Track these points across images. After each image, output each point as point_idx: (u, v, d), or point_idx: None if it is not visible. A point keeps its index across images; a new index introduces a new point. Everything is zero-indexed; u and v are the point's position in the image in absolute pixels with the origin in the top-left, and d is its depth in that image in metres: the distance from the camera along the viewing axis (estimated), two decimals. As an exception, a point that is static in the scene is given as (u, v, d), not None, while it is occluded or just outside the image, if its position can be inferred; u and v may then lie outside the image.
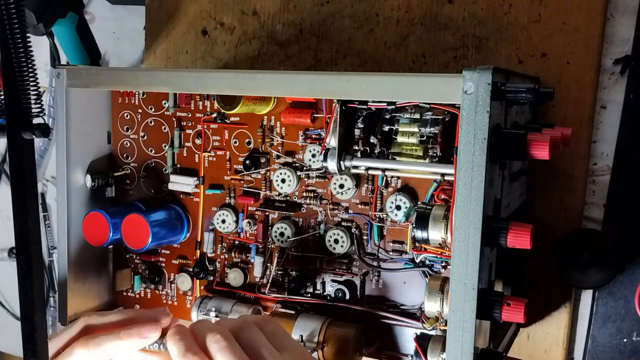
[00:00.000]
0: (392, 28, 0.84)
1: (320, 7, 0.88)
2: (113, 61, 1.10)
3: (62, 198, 0.72)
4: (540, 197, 0.77)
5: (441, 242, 0.56)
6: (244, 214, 0.72)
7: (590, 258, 0.74)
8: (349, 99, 0.60)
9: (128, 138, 0.77)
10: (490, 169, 0.52)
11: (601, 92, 0.77)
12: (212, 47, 0.95)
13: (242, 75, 0.64)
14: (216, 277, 0.74)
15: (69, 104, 0.71)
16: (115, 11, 1.08)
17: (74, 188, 0.73)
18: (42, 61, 1.16)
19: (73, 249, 0.75)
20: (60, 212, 0.72)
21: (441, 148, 0.58)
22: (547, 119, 0.76)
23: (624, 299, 0.77)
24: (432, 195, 0.61)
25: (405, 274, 0.65)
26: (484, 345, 0.57)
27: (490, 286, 0.57)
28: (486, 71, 0.50)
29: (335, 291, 0.68)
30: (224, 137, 0.72)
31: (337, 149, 0.61)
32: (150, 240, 0.70)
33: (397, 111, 0.60)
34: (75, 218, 0.73)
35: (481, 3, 0.79)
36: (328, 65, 0.88)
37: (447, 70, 0.82)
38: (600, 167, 0.78)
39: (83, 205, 0.75)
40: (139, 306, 0.80)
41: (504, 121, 0.57)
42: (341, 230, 0.66)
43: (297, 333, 0.65)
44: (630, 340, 0.78)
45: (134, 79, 0.68)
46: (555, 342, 0.79)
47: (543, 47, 0.77)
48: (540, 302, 0.78)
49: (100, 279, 0.79)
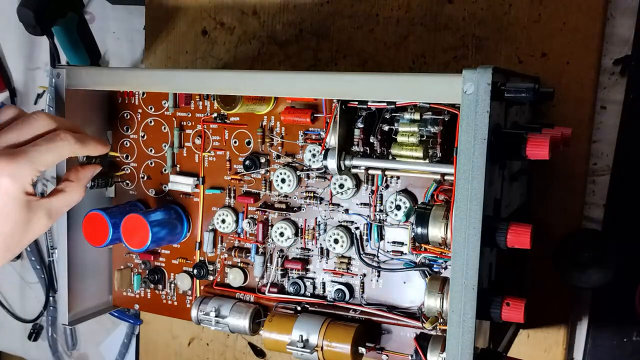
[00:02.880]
0: (392, 28, 0.84)
1: (320, 7, 0.88)
2: (113, 61, 1.10)
3: (62, 198, 0.72)
4: (540, 197, 0.77)
5: (441, 242, 0.56)
6: (244, 214, 0.72)
7: (590, 258, 0.74)
8: (349, 99, 0.60)
9: (128, 138, 0.77)
10: (490, 169, 0.52)
11: (601, 92, 0.77)
12: (212, 47, 0.95)
13: (242, 75, 0.64)
14: (216, 277, 0.74)
15: (69, 104, 0.71)
16: (115, 11, 1.08)
17: (74, 188, 0.73)
18: (42, 61, 1.17)
19: (73, 249, 0.75)
20: (60, 212, 0.72)
21: (441, 148, 0.58)
22: (547, 119, 0.76)
23: (624, 299, 0.77)
24: (432, 195, 0.61)
25: (405, 274, 0.65)
26: (484, 345, 0.57)
27: (490, 286, 0.57)
28: (486, 71, 0.50)
29: (335, 291, 0.68)
30: (224, 137, 0.72)
31: (337, 149, 0.61)
32: (150, 240, 0.70)
33: (397, 111, 0.60)
34: (75, 218, 0.73)
35: (481, 3, 0.79)
36: (328, 65, 0.88)
37: (447, 70, 0.82)
38: (600, 167, 0.78)
39: (83, 205, 0.74)
40: (138, 306, 0.80)
41: (504, 121, 0.57)
42: (341, 230, 0.66)
43: (297, 333, 0.65)
44: (630, 340, 0.78)
45: (134, 79, 0.68)
46: (555, 342, 0.79)
47: (543, 47, 0.77)
48: (540, 302, 0.78)
49: (100, 279, 0.80)
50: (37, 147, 0.57)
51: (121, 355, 1.17)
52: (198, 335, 1.03)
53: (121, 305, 0.81)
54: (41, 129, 0.59)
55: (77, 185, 0.64)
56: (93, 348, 1.21)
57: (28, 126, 0.59)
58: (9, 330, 1.29)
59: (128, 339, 1.16)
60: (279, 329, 0.67)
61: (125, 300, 0.80)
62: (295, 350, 0.64)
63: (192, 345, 1.03)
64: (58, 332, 1.24)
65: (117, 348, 1.17)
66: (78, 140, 0.61)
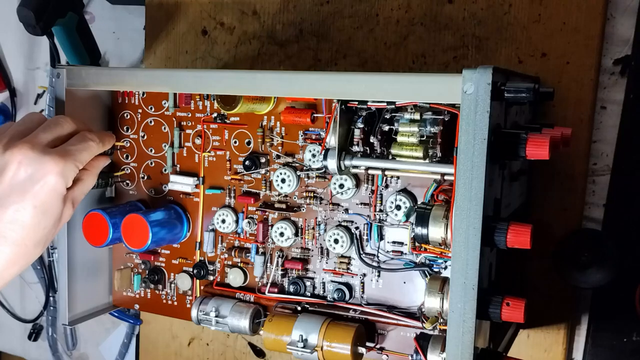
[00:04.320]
0: (392, 28, 0.84)
1: (320, 7, 0.88)
2: (113, 61, 1.10)
3: (62, 198, 0.72)
4: (540, 197, 0.77)
5: (441, 242, 0.56)
6: (244, 214, 0.72)
7: (590, 258, 0.74)
8: (349, 99, 0.60)
9: (128, 138, 0.77)
10: (490, 169, 0.52)
11: (601, 92, 0.77)
12: (212, 47, 0.95)
13: (242, 75, 0.64)
14: (216, 277, 0.74)
15: (69, 104, 0.71)
16: (115, 11, 1.08)
17: (74, 188, 0.73)
18: (42, 61, 1.17)
19: (73, 249, 0.75)
20: (60, 212, 0.72)
21: (441, 148, 0.58)
22: (547, 119, 0.76)
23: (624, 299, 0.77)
24: (432, 195, 0.61)
25: (405, 274, 0.65)
26: (484, 345, 0.57)
27: (490, 286, 0.57)
28: (486, 71, 0.50)
29: (335, 291, 0.68)
30: (223, 137, 0.72)
31: (337, 149, 0.61)
32: (150, 240, 0.70)
33: (397, 111, 0.60)
34: (75, 218, 0.73)
35: (481, 3, 0.79)
36: (328, 65, 0.88)
37: (447, 70, 0.82)
38: (600, 167, 0.78)
39: (83, 205, 0.74)
40: (138, 306, 0.80)
41: (504, 121, 0.57)
42: (341, 230, 0.66)
43: (297, 333, 0.65)
44: (630, 340, 0.78)
45: (134, 79, 0.68)
46: (555, 342, 0.79)
47: (543, 47, 0.77)
48: (540, 302, 0.78)
49: (100, 279, 0.80)
50: (77, 146, 0.62)
51: (121, 355, 1.17)
52: (198, 335, 1.03)
53: (121, 305, 0.81)
54: (68, 131, 0.63)
55: (91, 173, 0.66)
56: (93, 348, 1.21)
57: (60, 127, 0.62)
58: (9, 330, 1.29)
59: (128, 339, 1.16)
60: (279, 329, 0.67)
61: (125, 300, 0.80)
62: (295, 350, 0.64)
63: (192, 345, 1.03)
64: (58, 332, 1.24)
65: (117, 348, 1.17)
66: (99, 139, 0.65)
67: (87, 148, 0.63)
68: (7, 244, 0.57)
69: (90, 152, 0.63)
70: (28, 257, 0.59)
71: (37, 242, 0.59)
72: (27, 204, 0.57)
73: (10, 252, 0.57)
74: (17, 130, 0.61)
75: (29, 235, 0.58)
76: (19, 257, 0.58)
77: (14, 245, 0.57)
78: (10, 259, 0.58)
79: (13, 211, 0.57)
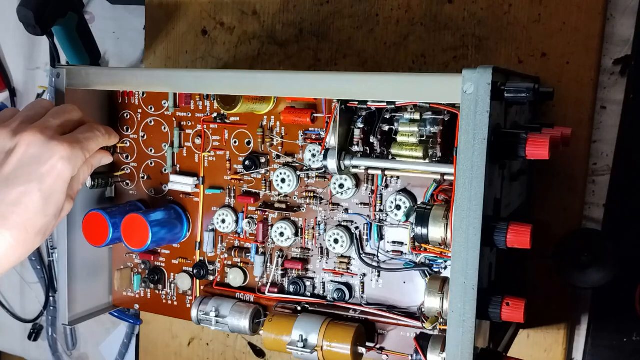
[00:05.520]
0: (392, 28, 0.84)
1: (320, 7, 0.88)
2: (113, 61, 1.10)
3: (62, 198, 0.72)
4: (540, 197, 0.77)
5: (441, 242, 0.56)
6: (244, 214, 0.72)
7: (590, 258, 0.74)
8: (349, 99, 0.60)
9: (128, 138, 0.77)
10: (490, 169, 0.52)
11: (601, 92, 0.77)
12: (212, 47, 0.95)
13: (242, 75, 0.64)
14: (216, 277, 0.74)
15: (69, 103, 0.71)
16: (115, 11, 1.08)
17: (74, 188, 0.73)
18: (42, 61, 1.17)
19: (73, 249, 0.75)
20: (60, 212, 0.72)
21: (441, 148, 0.58)
22: (547, 119, 0.76)
23: (624, 299, 0.77)
24: (432, 195, 0.61)
25: (405, 274, 0.65)
26: (484, 345, 0.57)
27: (490, 286, 0.57)
28: (486, 71, 0.50)
29: (335, 291, 0.68)
30: (223, 137, 0.72)
31: (337, 149, 0.61)
32: (150, 240, 0.70)
33: (397, 111, 0.60)
34: (75, 218, 0.73)
35: (481, 3, 0.79)
36: (328, 65, 0.88)
37: (447, 70, 0.82)
38: (600, 167, 0.78)
39: (83, 205, 0.75)
40: (138, 306, 0.80)
41: (504, 121, 0.57)
42: (341, 230, 0.66)
43: (297, 333, 0.65)
44: (630, 340, 0.78)
45: (134, 79, 0.68)
46: (555, 342, 0.79)
47: (543, 47, 0.77)
48: (540, 302, 0.78)
49: (100, 278, 0.80)
50: (85, 135, 0.62)
51: (121, 355, 1.17)
52: (198, 335, 1.03)
53: (121, 305, 0.81)
54: (76, 118, 0.63)
55: (89, 165, 0.66)
56: (93, 348, 1.21)
57: (68, 115, 0.63)
58: (9, 330, 1.29)
59: (128, 339, 1.16)
60: (279, 329, 0.67)
61: (125, 300, 0.80)
62: (295, 350, 0.64)
63: (192, 345, 1.03)
64: (58, 332, 1.24)
65: (117, 348, 1.17)
66: (106, 131, 0.65)
67: (95, 138, 0.63)
68: (9, 227, 0.56)
69: (97, 143, 0.63)
70: (28, 245, 0.58)
71: (38, 230, 0.58)
72: (32, 186, 0.57)
73: (10, 236, 0.56)
74: (26, 115, 0.61)
75: (31, 221, 0.57)
76: (20, 243, 0.57)
77: (14, 229, 0.56)
78: (10, 244, 0.56)
79: (18, 193, 0.56)
